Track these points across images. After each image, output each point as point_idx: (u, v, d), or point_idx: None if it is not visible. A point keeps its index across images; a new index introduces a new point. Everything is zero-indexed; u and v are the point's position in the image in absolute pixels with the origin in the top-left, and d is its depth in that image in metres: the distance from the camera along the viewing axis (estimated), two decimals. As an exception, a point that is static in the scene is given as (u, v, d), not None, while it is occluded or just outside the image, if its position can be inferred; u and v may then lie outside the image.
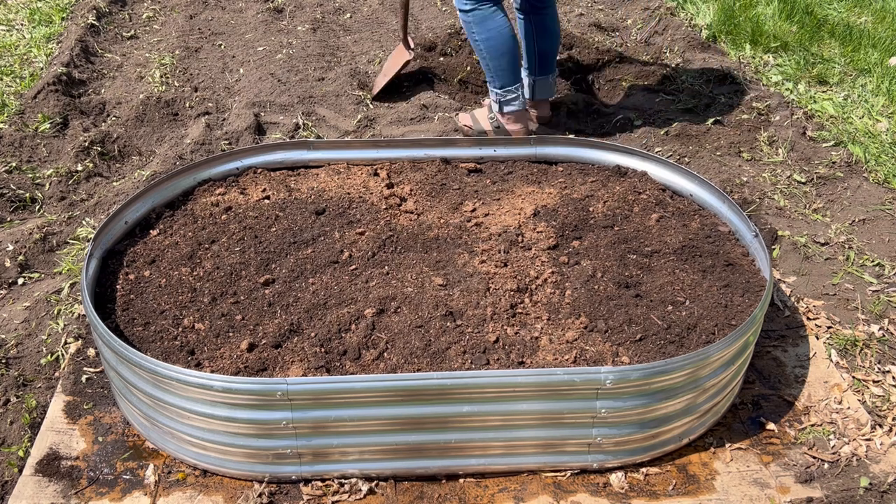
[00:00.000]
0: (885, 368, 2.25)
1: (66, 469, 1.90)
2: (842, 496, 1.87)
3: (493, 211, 2.62)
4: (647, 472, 1.92)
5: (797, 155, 3.27)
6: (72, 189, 3.04)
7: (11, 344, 2.29)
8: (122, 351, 1.84)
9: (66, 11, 4.70)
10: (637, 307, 2.16)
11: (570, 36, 4.26)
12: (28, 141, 3.26)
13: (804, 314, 2.44)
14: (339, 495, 1.85)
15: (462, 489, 1.87)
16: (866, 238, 2.79)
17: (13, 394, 2.12)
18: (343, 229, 2.49)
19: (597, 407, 1.82)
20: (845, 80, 3.93)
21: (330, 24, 4.58)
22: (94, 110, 3.59)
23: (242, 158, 2.80)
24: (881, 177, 3.12)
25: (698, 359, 1.83)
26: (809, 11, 4.68)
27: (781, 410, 2.11)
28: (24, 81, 3.81)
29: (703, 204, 2.65)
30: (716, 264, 2.34)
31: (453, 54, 4.10)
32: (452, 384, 1.77)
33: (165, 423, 1.88)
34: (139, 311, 2.15)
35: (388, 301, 2.16)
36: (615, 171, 2.83)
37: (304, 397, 1.76)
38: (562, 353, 2.01)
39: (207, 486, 1.87)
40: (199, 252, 2.38)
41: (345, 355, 2.01)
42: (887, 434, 2.04)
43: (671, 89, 3.78)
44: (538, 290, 2.24)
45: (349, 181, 2.77)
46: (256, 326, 2.09)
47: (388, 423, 1.82)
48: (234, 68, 4.05)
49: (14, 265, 2.59)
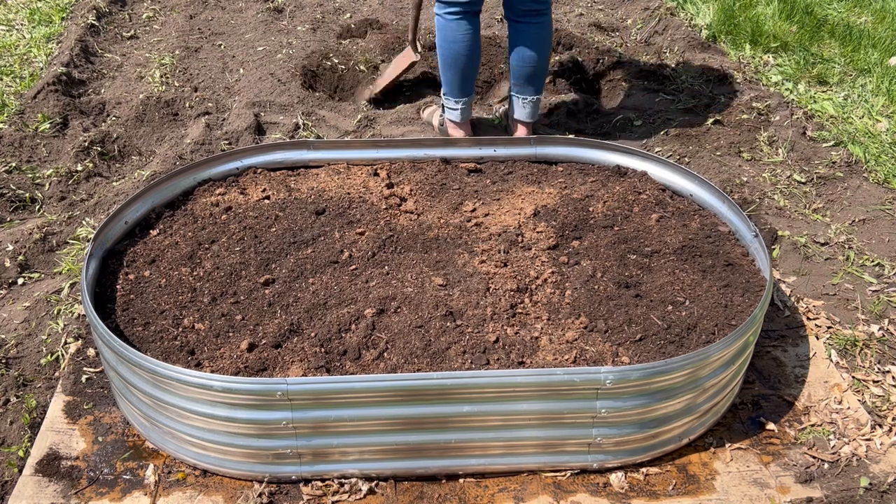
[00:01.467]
0: (885, 368, 2.25)
1: (66, 469, 1.90)
2: (842, 496, 1.87)
3: (493, 211, 2.62)
4: (647, 472, 1.92)
5: (797, 155, 3.27)
6: (72, 189, 3.04)
7: (11, 344, 2.29)
8: (122, 351, 1.84)
9: (66, 11, 4.70)
10: (637, 307, 2.16)
11: (570, 36, 4.27)
12: (28, 141, 3.26)
13: (804, 314, 2.44)
14: (339, 495, 1.85)
15: (462, 489, 1.87)
16: (866, 238, 2.79)
17: (13, 394, 2.12)
18: (343, 229, 2.49)
19: (597, 407, 1.82)
20: (845, 80, 3.93)
21: (330, 23, 4.59)
22: (94, 110, 3.59)
23: (242, 158, 2.80)
24: (881, 177, 3.12)
25: (698, 359, 1.83)
26: (809, 11, 4.68)
27: (781, 410, 2.11)
28: (24, 81, 3.81)
29: (703, 204, 2.65)
30: (716, 264, 2.34)
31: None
32: (452, 384, 1.77)
33: (165, 423, 1.88)
34: (139, 311, 2.15)
35: (388, 301, 2.16)
36: (615, 171, 2.83)
37: (304, 397, 1.76)
38: (562, 353, 2.01)
39: (207, 486, 1.87)
40: (199, 252, 2.38)
41: (345, 355, 2.01)
42: (887, 434, 2.04)
43: (671, 89, 3.78)
44: (538, 290, 2.24)
45: (349, 181, 2.77)
46: (256, 326, 2.09)
47: (388, 423, 1.82)
48: (234, 68, 4.05)
49: (14, 265, 2.59)
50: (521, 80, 3.08)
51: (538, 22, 2.97)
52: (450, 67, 3.00)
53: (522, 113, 3.16)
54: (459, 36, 2.91)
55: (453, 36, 2.92)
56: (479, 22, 2.97)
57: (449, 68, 3.01)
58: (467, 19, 2.90)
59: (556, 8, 4.87)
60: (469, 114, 3.18)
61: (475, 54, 2.99)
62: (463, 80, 3.02)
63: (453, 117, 3.15)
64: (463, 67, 2.98)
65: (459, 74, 3.01)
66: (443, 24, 2.93)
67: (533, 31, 2.98)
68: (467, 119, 3.19)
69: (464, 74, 3.01)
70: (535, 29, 2.97)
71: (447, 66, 3.01)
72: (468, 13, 2.89)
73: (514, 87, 3.13)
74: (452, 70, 3.00)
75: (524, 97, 3.12)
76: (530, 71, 3.04)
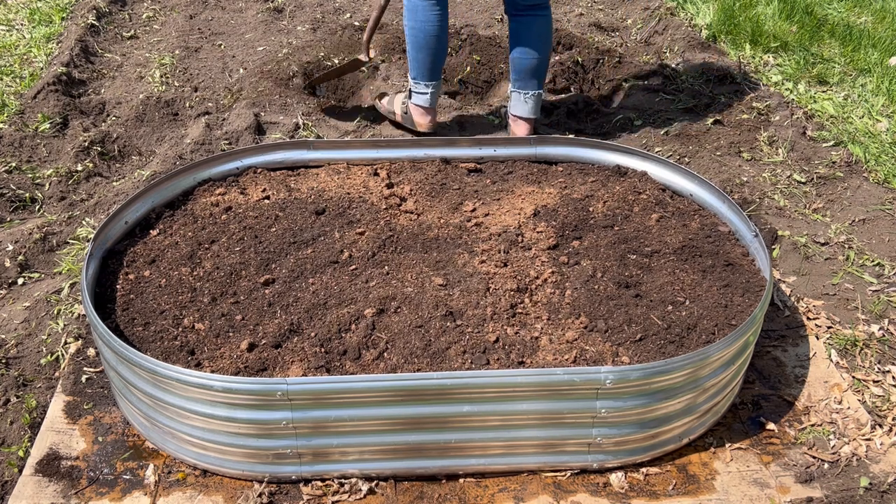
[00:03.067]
0: (885, 368, 2.25)
1: (66, 469, 1.90)
2: (842, 496, 1.87)
3: (493, 211, 2.62)
4: (647, 472, 1.92)
5: (797, 155, 3.27)
6: (72, 189, 3.04)
7: (11, 344, 2.29)
8: (122, 351, 1.84)
9: (66, 11, 4.70)
10: (637, 307, 2.16)
11: (570, 36, 4.27)
12: (28, 141, 3.26)
13: (804, 314, 2.44)
14: (339, 495, 1.85)
15: (462, 489, 1.87)
16: (866, 238, 2.79)
17: (13, 394, 2.12)
18: (343, 229, 2.49)
19: (597, 407, 1.82)
20: (845, 80, 3.93)
21: (330, 23, 4.58)
22: (94, 110, 3.59)
23: (242, 158, 2.80)
24: (881, 177, 3.12)
25: (698, 359, 1.83)
26: (809, 11, 4.68)
27: (781, 410, 2.11)
28: (24, 81, 3.81)
29: (703, 204, 2.65)
30: (716, 264, 2.34)
31: (453, 54, 4.11)
32: (452, 384, 1.77)
33: (165, 423, 1.88)
34: (139, 311, 2.15)
35: (388, 301, 2.16)
36: (615, 171, 2.83)
37: (304, 397, 1.76)
38: (562, 353, 2.01)
39: (207, 486, 1.87)
40: (199, 252, 2.38)
41: (345, 355, 2.01)
42: (887, 434, 2.04)
43: (671, 89, 3.78)
44: (538, 290, 2.24)
45: (349, 181, 2.77)
46: (256, 326, 2.09)
47: (388, 423, 1.82)
48: (235, 68, 4.05)
49: (14, 265, 2.59)
50: (523, 75, 3.08)
51: (539, 15, 2.98)
52: (420, 49, 3.02)
53: (524, 109, 3.14)
54: (430, 16, 2.94)
55: (424, 16, 2.95)
56: (447, 4, 3.01)
57: (419, 50, 3.02)
58: (436, 0, 2.94)
59: (556, 8, 4.87)
60: (437, 100, 3.19)
61: (444, 36, 3.02)
62: (433, 62, 3.04)
63: (421, 102, 3.14)
64: (433, 49, 3.00)
65: (430, 56, 3.02)
66: (412, 5, 2.96)
67: (534, 25, 2.99)
68: (434, 105, 3.19)
69: (434, 56, 3.02)
70: (536, 22, 2.99)
71: (418, 47, 3.02)
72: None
73: (516, 82, 3.12)
74: (423, 52, 3.02)
75: (525, 92, 3.11)
76: (532, 65, 3.04)
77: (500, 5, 4.77)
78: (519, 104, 3.15)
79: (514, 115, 3.20)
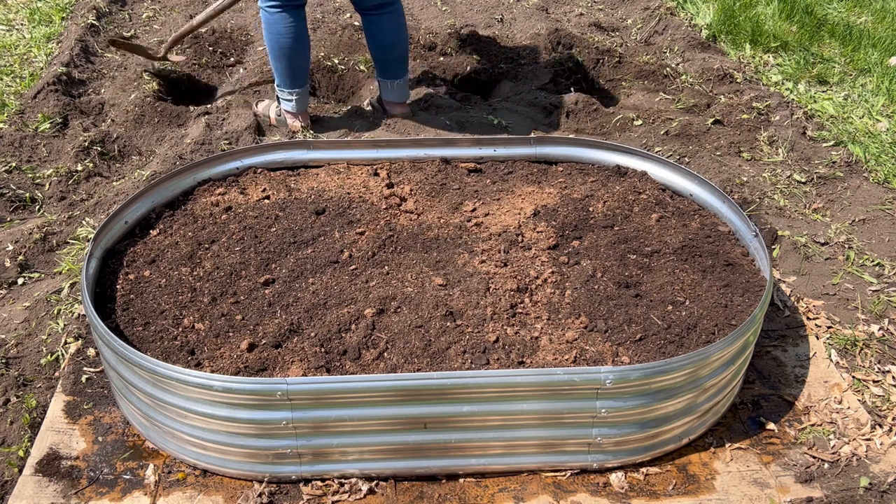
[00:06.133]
0: (885, 368, 2.25)
1: (66, 469, 1.90)
2: (842, 496, 1.87)
3: (493, 211, 2.62)
4: (647, 472, 1.92)
5: (797, 155, 3.27)
6: (72, 189, 3.04)
7: (11, 344, 2.29)
8: (122, 351, 1.84)
9: (66, 11, 4.70)
10: (637, 307, 2.16)
11: (570, 36, 4.26)
12: (28, 141, 3.26)
13: (804, 314, 2.44)
14: (339, 495, 1.85)
15: (462, 489, 1.87)
16: (866, 238, 2.79)
17: (13, 394, 2.12)
18: (343, 229, 2.49)
19: (597, 407, 1.82)
20: (845, 80, 3.94)
21: (330, 23, 4.58)
22: (94, 110, 3.59)
23: (242, 158, 2.80)
24: (881, 177, 3.12)
25: (698, 359, 1.83)
26: (809, 11, 4.68)
27: (781, 410, 2.11)
28: (24, 81, 3.81)
29: (703, 204, 2.65)
30: (716, 264, 2.34)
31: (453, 54, 4.11)
32: (452, 384, 1.77)
33: (165, 423, 1.88)
34: (139, 311, 2.15)
35: (388, 301, 2.16)
36: (615, 171, 2.83)
37: (304, 397, 1.76)
38: (562, 353, 2.01)
39: (207, 486, 1.87)
40: (199, 252, 2.38)
41: (345, 355, 2.01)
42: (887, 434, 2.04)
43: (671, 89, 3.78)
44: (538, 290, 2.24)
45: (349, 181, 2.77)
46: (256, 326, 2.09)
47: (388, 423, 1.82)
48: (234, 68, 4.04)
49: (14, 265, 2.59)
50: (387, 67, 3.27)
51: (388, 12, 3.13)
52: (279, 59, 3.11)
53: (393, 95, 3.37)
54: (283, 28, 3.02)
55: (277, 29, 3.03)
56: (303, 14, 3.08)
57: (278, 60, 3.12)
58: (289, 12, 3.01)
59: (556, 8, 4.87)
60: (305, 104, 3.28)
61: (302, 46, 3.10)
62: (293, 71, 3.13)
63: (289, 108, 3.26)
64: (291, 59, 3.09)
65: (289, 66, 3.12)
66: (267, 17, 3.04)
67: (384, 22, 3.15)
68: (304, 109, 3.29)
69: (293, 66, 3.12)
70: (386, 19, 3.14)
71: (276, 58, 3.12)
72: (289, 6, 3.01)
73: (381, 74, 3.31)
74: (282, 62, 3.12)
75: (392, 80, 3.32)
76: (393, 56, 3.23)
77: (500, 5, 4.77)
78: (387, 91, 3.37)
79: (387, 101, 3.41)
